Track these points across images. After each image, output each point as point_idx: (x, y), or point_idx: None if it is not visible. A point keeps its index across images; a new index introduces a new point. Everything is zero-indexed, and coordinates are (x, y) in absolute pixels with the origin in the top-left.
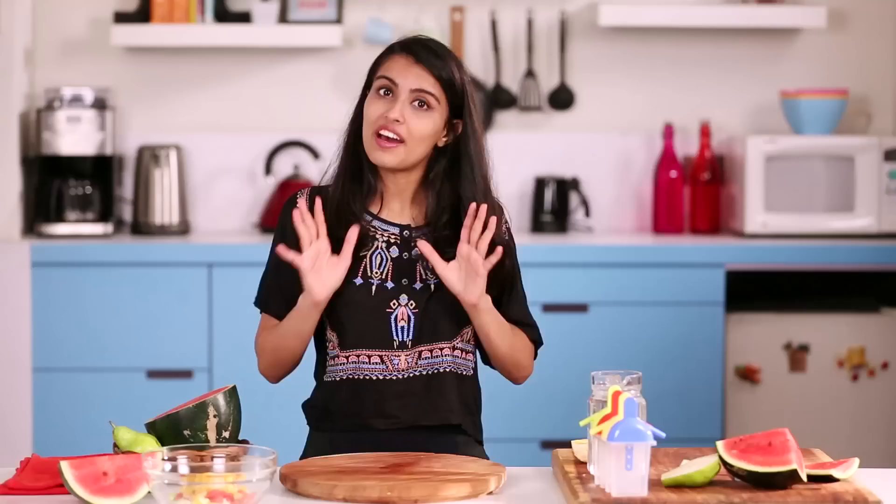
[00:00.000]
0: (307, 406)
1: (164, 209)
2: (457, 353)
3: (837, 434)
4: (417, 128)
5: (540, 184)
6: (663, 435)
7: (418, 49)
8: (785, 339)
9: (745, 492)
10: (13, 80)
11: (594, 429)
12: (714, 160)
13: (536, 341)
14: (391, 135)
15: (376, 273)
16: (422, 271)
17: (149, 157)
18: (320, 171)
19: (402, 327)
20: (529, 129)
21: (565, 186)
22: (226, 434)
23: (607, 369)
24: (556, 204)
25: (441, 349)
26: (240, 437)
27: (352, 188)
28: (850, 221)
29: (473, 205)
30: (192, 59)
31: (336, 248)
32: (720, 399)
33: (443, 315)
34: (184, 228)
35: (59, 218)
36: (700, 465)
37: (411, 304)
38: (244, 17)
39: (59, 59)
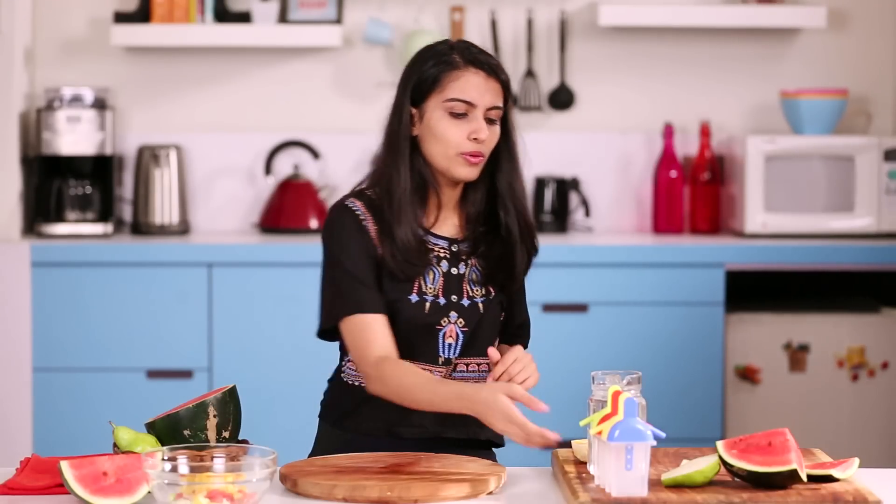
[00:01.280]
0: (328, 405)
1: (164, 209)
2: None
3: (837, 434)
4: (492, 140)
5: (540, 184)
6: (663, 435)
7: (486, 61)
8: (785, 339)
9: (745, 492)
10: (13, 80)
11: (594, 429)
12: (714, 160)
13: (527, 338)
14: (477, 156)
15: (430, 289)
16: (468, 287)
17: (149, 157)
18: (320, 170)
19: (450, 344)
20: (529, 129)
21: (565, 186)
22: (226, 434)
23: (607, 369)
24: (556, 204)
25: (478, 364)
26: (240, 437)
27: (415, 205)
28: (850, 221)
29: (492, 353)
30: (192, 59)
31: (399, 269)
32: (720, 399)
33: (487, 336)
34: (184, 228)
35: (59, 218)
36: (700, 465)
37: (460, 322)
38: (244, 17)
39: (59, 59)
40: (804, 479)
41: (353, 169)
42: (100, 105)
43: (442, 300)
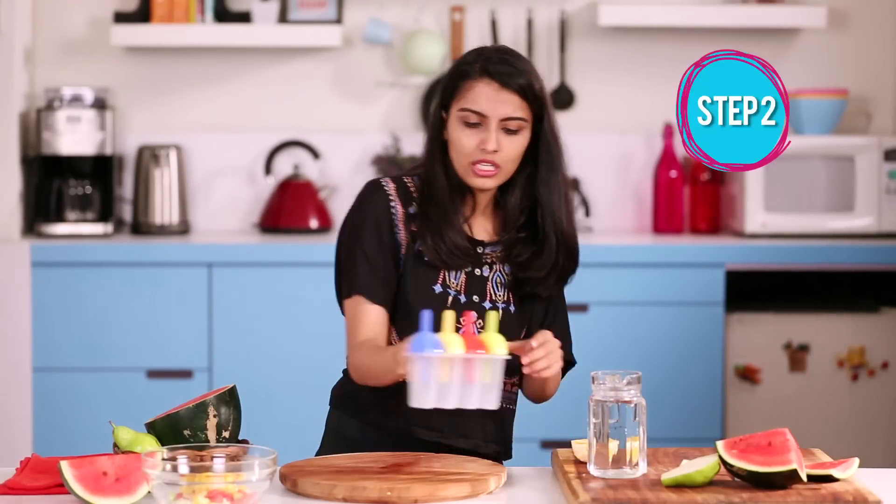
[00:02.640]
0: (342, 395)
1: (164, 209)
2: (514, 389)
3: (837, 434)
4: (511, 151)
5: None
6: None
7: (500, 71)
8: (785, 339)
9: (745, 492)
10: (13, 80)
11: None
12: None
13: (569, 361)
14: (489, 167)
15: (454, 283)
16: (492, 290)
17: (149, 156)
18: (320, 170)
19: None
20: None
21: None
22: (226, 434)
23: (607, 369)
24: None
25: (504, 383)
26: (240, 437)
27: (454, 200)
28: (850, 221)
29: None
30: (192, 59)
31: (432, 257)
32: (720, 399)
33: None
34: (184, 228)
35: (59, 218)
36: (700, 465)
37: (479, 323)
38: (244, 17)
39: (59, 59)
40: (804, 479)
41: (353, 169)
42: (100, 105)
43: (463, 297)
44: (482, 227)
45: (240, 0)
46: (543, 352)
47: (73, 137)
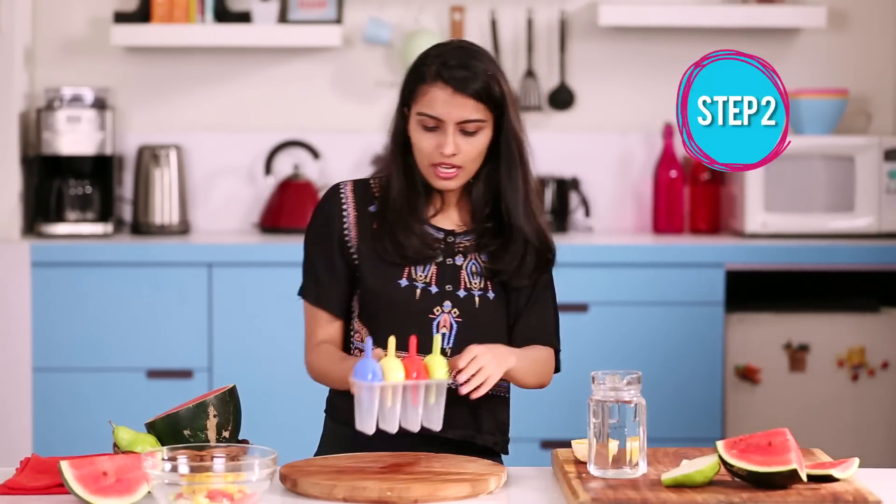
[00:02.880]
0: (330, 399)
1: (164, 209)
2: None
3: (837, 434)
4: (470, 151)
5: (540, 184)
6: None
7: (454, 75)
8: (785, 339)
9: (745, 492)
10: (13, 80)
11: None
12: None
13: (555, 347)
14: (449, 169)
15: (421, 276)
16: (466, 279)
17: (149, 156)
18: (320, 170)
19: (444, 334)
20: (529, 128)
21: (565, 186)
22: (226, 434)
23: (607, 369)
24: (556, 204)
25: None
26: (240, 437)
27: (412, 197)
28: (850, 221)
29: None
30: (192, 59)
31: (393, 255)
32: (720, 399)
33: (487, 336)
34: (184, 228)
35: (59, 218)
36: (700, 465)
37: (455, 312)
38: (244, 17)
39: (59, 59)
40: (804, 479)
41: (353, 169)
42: (100, 105)
43: (434, 288)
44: (453, 217)
45: (240, 0)
46: (475, 367)
47: (73, 137)
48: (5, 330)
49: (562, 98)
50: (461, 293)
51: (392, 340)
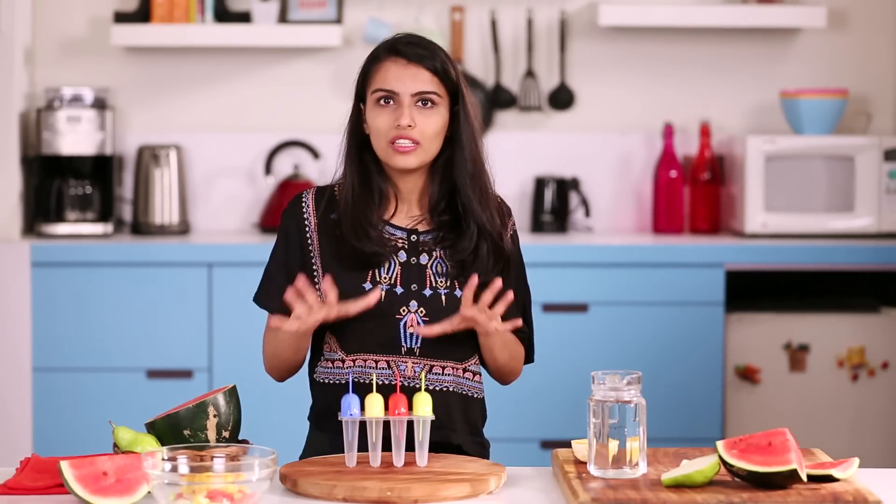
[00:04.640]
0: (311, 406)
1: (164, 209)
2: (467, 375)
3: (837, 434)
4: (428, 127)
5: (540, 184)
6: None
7: (406, 49)
8: (785, 339)
9: (745, 492)
10: (13, 80)
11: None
12: (714, 160)
13: (528, 351)
14: (407, 142)
15: (385, 278)
16: (432, 278)
17: (149, 156)
18: (320, 170)
19: (412, 334)
20: (529, 129)
21: (565, 186)
22: (226, 434)
23: (607, 369)
24: (556, 204)
25: (454, 368)
26: (240, 437)
27: (364, 198)
28: (850, 221)
29: (475, 277)
30: (192, 59)
31: (353, 260)
32: (720, 399)
33: (455, 334)
34: (184, 228)
35: (59, 218)
36: (700, 465)
37: (421, 312)
38: (244, 17)
39: (59, 59)
40: (804, 479)
41: None
42: (100, 105)
43: (399, 289)
44: (410, 215)
45: (240, 0)
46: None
47: (73, 137)
48: (5, 330)
49: (562, 98)
50: (427, 292)
51: (374, 375)
